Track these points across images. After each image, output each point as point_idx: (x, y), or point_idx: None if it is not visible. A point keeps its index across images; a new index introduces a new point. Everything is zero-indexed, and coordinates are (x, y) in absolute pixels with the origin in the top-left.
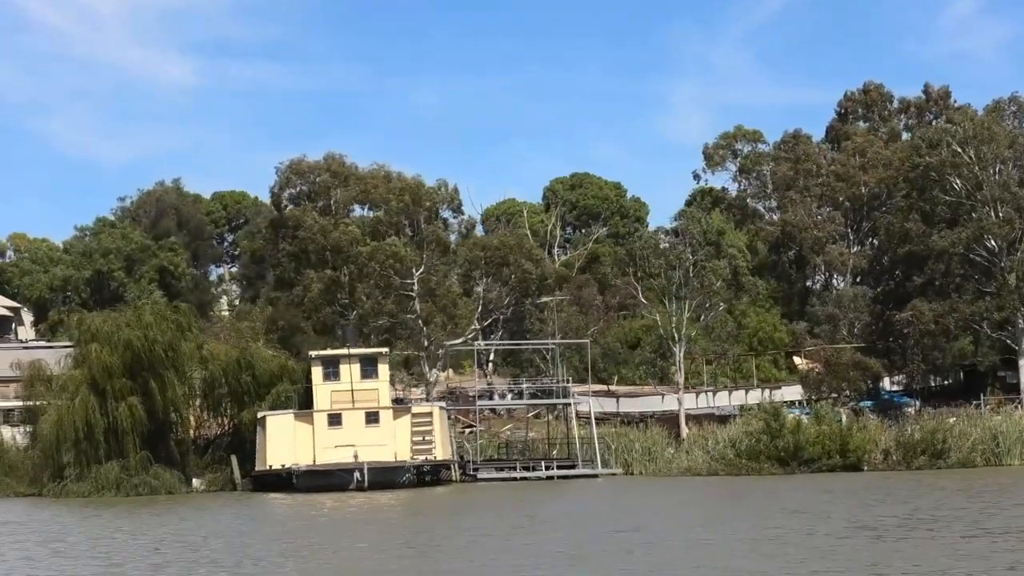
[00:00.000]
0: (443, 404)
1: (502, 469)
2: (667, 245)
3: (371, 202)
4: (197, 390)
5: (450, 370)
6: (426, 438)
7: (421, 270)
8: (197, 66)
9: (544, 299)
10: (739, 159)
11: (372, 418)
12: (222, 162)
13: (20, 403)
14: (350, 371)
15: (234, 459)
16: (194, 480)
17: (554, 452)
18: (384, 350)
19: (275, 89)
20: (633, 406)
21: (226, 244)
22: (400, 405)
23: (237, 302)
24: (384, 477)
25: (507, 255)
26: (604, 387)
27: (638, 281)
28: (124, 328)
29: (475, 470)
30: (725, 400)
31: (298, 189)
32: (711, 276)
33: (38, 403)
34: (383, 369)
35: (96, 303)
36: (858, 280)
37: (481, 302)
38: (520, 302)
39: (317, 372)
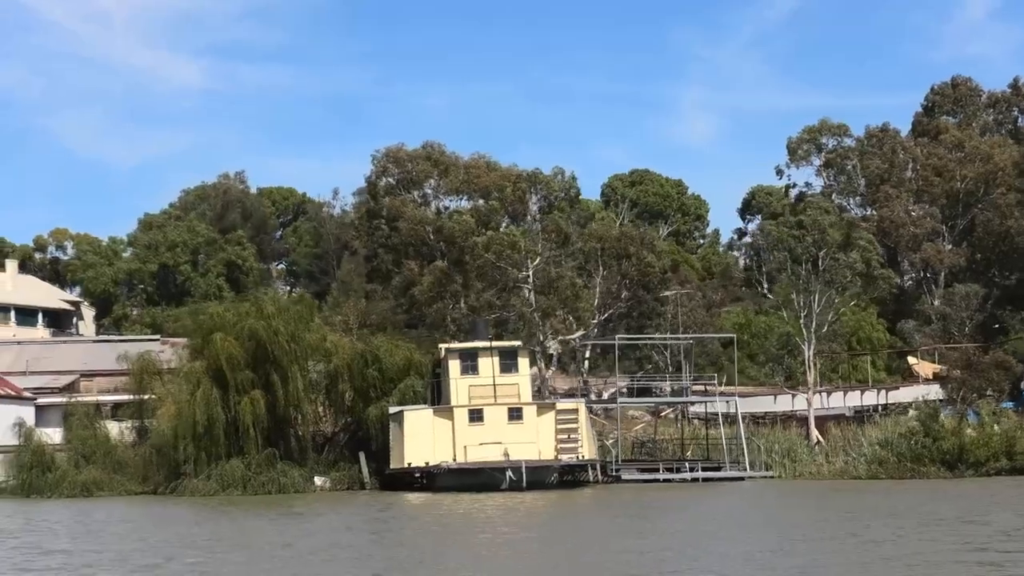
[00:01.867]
0: (585, 401)
1: (644, 470)
2: (793, 238)
3: (479, 191)
4: (319, 384)
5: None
6: (571, 436)
7: (537, 261)
8: (206, 68)
9: (666, 292)
10: (824, 153)
11: (515, 414)
12: (232, 164)
13: (120, 397)
14: (490, 365)
15: (363, 456)
16: (317, 478)
17: (687, 453)
18: (518, 343)
19: (284, 92)
20: (745, 406)
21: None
22: (543, 401)
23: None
24: (536, 476)
25: (627, 246)
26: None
27: (761, 275)
28: (247, 318)
29: (617, 471)
30: (839, 401)
31: (396, 179)
32: (844, 270)
33: (148, 397)
34: (523, 363)
35: (162, 297)
36: (957, 278)
37: (598, 294)
38: (637, 295)
39: (454, 366)
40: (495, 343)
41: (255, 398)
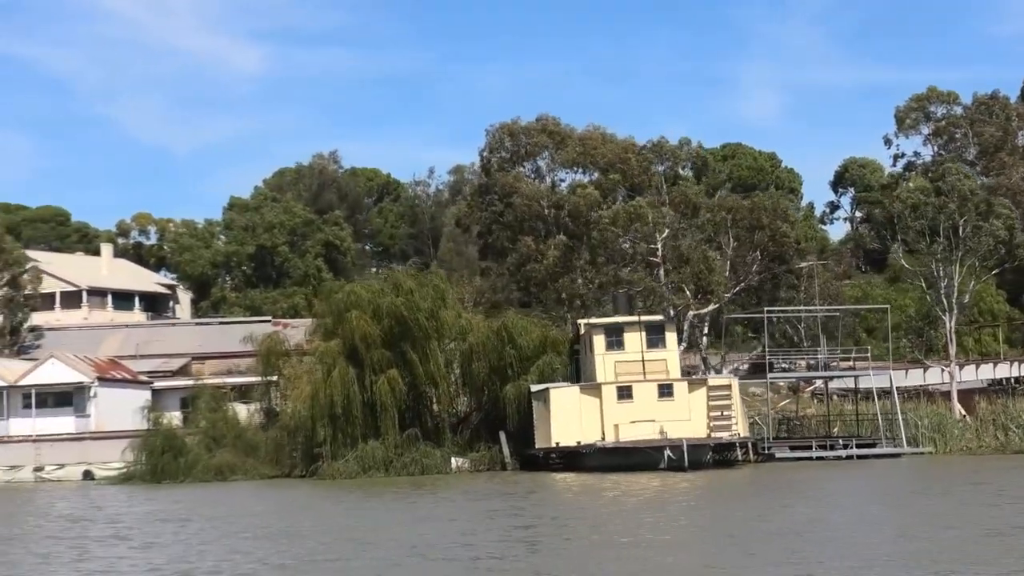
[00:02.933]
0: (737, 376)
1: (796, 448)
2: (931, 204)
3: (596, 163)
4: (455, 363)
5: None
6: (724, 413)
7: (665, 234)
8: (265, 53)
9: (802, 264)
10: (932, 122)
11: (666, 391)
12: (291, 149)
13: (243, 379)
14: (637, 340)
15: (503, 436)
16: (454, 459)
17: (833, 429)
18: (659, 318)
19: (343, 74)
20: (877, 381)
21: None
22: (694, 377)
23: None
24: (694, 456)
25: (760, 217)
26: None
27: (897, 245)
28: (383, 295)
29: (769, 449)
30: (971, 374)
31: (510, 153)
32: (987, 238)
33: (276, 378)
34: (670, 338)
35: (259, 279)
36: None
37: (729, 267)
38: (769, 268)
39: (599, 341)
40: (642, 317)
41: (392, 377)
